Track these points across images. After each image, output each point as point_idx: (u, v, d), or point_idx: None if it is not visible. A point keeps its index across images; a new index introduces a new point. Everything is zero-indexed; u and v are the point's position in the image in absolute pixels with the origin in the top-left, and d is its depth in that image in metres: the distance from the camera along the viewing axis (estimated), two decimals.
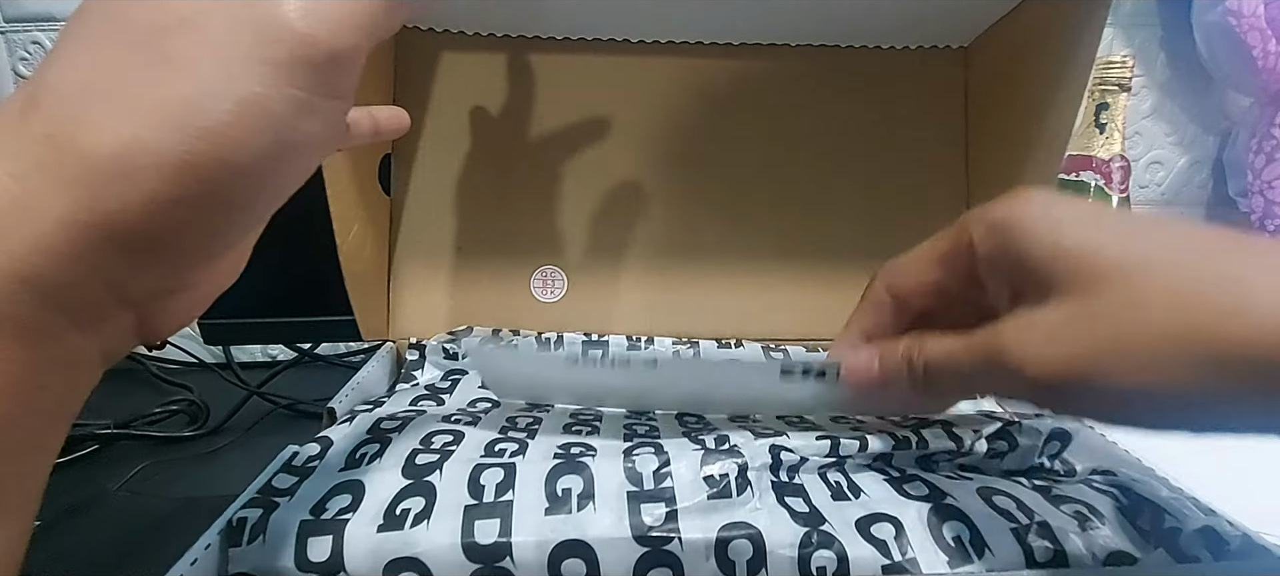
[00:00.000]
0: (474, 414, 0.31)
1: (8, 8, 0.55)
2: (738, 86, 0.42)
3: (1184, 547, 0.23)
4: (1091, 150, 0.49)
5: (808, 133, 0.43)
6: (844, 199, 0.43)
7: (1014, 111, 0.38)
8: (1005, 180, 0.39)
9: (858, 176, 0.43)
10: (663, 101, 0.42)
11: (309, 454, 0.26)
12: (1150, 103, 0.65)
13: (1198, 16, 0.58)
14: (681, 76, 0.42)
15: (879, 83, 0.43)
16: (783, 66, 0.42)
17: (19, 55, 0.56)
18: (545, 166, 0.42)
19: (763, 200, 0.43)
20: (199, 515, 0.22)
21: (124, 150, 0.13)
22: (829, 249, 0.43)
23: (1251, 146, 0.58)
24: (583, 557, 0.21)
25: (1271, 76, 0.54)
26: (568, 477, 0.23)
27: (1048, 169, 0.35)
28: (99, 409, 0.46)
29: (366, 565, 0.21)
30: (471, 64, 0.41)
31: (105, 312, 0.15)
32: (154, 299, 0.16)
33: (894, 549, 0.22)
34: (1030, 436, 0.28)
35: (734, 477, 0.23)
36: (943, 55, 0.43)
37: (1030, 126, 0.37)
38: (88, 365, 0.15)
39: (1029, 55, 0.37)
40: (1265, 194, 0.57)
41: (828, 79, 0.43)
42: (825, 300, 0.42)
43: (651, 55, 0.42)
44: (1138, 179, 0.66)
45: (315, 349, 0.55)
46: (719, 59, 0.42)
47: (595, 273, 0.42)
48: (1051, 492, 0.25)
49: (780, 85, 0.43)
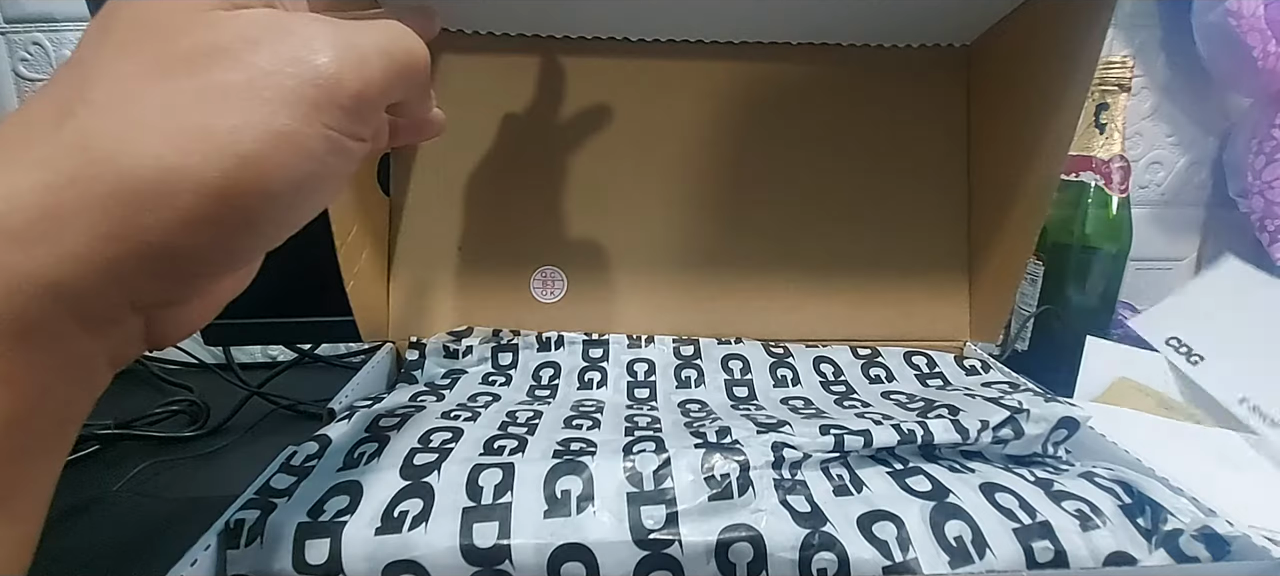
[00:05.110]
0: (474, 409, 0.31)
1: (8, 8, 0.55)
2: (739, 85, 0.42)
3: (1184, 547, 0.22)
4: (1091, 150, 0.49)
5: (809, 132, 0.43)
6: (845, 198, 0.43)
7: (1016, 111, 0.38)
8: (1007, 181, 0.39)
9: (859, 175, 0.43)
10: (664, 102, 0.42)
11: (307, 453, 0.26)
12: (1150, 103, 0.65)
13: (1198, 16, 0.58)
14: (682, 76, 0.42)
15: (881, 82, 0.43)
16: (784, 66, 0.42)
17: (19, 56, 0.56)
18: (545, 167, 0.42)
19: (763, 200, 0.43)
20: (199, 515, 0.22)
21: (167, 174, 0.14)
22: (829, 248, 0.43)
23: (1251, 147, 0.58)
24: (582, 560, 0.21)
25: (1271, 77, 0.54)
26: (567, 479, 0.23)
27: (1050, 170, 0.35)
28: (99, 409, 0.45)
29: (364, 568, 0.21)
30: (472, 64, 0.41)
31: (119, 318, 0.15)
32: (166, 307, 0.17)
33: (895, 549, 0.22)
34: (1037, 425, 0.27)
35: (735, 477, 0.23)
36: (945, 54, 0.43)
37: (1033, 126, 0.37)
38: (98, 370, 0.15)
39: (1032, 55, 0.37)
40: (1265, 194, 0.57)
41: (829, 78, 0.43)
42: (825, 300, 0.42)
43: (651, 55, 0.42)
44: (1138, 179, 0.66)
45: (315, 349, 0.55)
46: (720, 58, 0.42)
47: (595, 273, 0.42)
48: (1053, 488, 0.25)
49: (781, 84, 0.43)
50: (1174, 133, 0.66)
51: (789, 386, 0.37)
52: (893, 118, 0.43)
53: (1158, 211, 0.68)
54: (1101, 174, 0.48)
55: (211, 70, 0.15)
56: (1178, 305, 0.45)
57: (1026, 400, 0.29)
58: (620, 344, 0.40)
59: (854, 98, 0.43)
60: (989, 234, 0.41)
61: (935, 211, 0.43)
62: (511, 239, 0.42)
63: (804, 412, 0.32)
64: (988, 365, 0.39)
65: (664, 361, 0.39)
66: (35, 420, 0.14)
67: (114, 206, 0.13)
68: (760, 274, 0.42)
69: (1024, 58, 0.38)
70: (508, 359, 0.39)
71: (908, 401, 0.34)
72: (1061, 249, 0.50)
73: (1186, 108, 0.65)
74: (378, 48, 0.17)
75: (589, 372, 0.38)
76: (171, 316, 0.17)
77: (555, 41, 0.41)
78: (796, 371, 0.38)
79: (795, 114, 0.43)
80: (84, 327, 0.14)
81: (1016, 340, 0.52)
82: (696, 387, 0.37)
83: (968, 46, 0.43)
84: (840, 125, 0.43)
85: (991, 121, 0.41)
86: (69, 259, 0.13)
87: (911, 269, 0.43)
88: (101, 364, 0.15)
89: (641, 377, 0.38)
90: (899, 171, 0.43)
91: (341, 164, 0.17)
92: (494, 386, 0.37)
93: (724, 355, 0.39)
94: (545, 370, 0.38)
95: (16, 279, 0.13)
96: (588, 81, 0.42)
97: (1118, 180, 0.48)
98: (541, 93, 0.42)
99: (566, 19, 0.40)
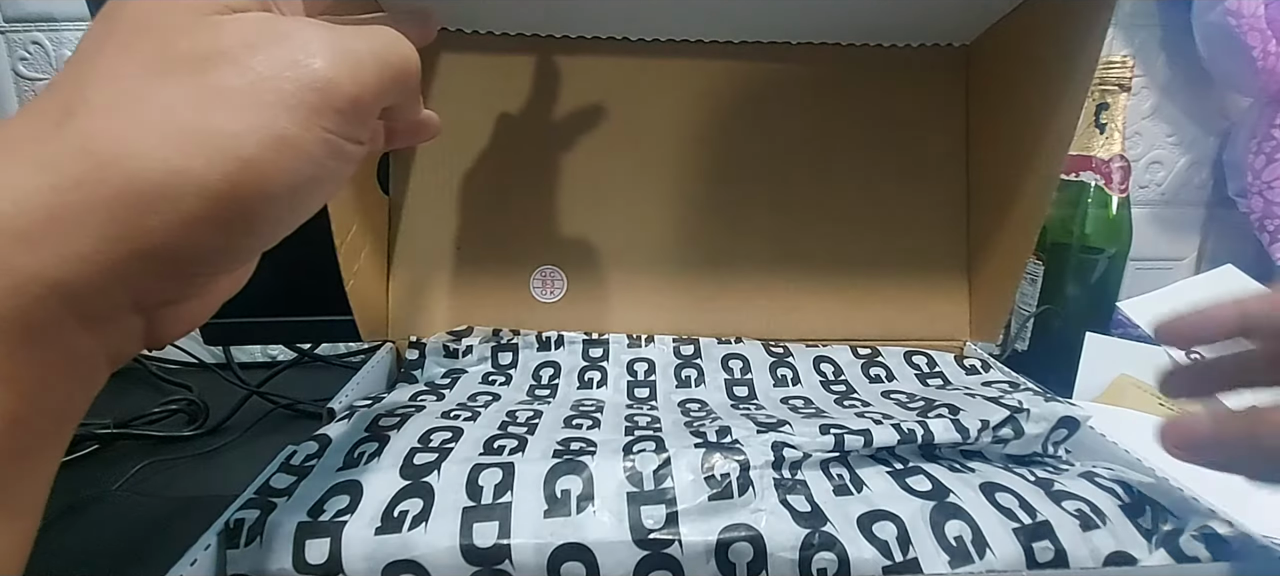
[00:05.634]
0: (474, 408, 0.31)
1: (8, 8, 0.55)
2: (739, 85, 0.42)
3: (1184, 547, 0.22)
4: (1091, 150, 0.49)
5: (808, 132, 0.43)
6: (844, 198, 0.43)
7: (1016, 111, 0.38)
8: (1007, 180, 0.39)
9: (858, 175, 0.43)
10: (663, 101, 0.42)
11: (307, 452, 0.26)
12: (1150, 103, 0.65)
13: (1198, 16, 0.58)
14: (682, 76, 0.42)
15: (880, 82, 0.43)
16: (783, 65, 0.42)
17: (19, 55, 0.56)
18: (545, 166, 0.42)
19: (763, 200, 0.43)
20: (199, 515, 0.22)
21: (171, 177, 0.14)
22: (829, 248, 0.43)
23: (1251, 147, 0.58)
24: (582, 560, 0.21)
25: (1271, 77, 0.54)
26: (567, 478, 0.23)
27: (1050, 170, 0.35)
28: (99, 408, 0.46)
29: (364, 567, 0.21)
30: (471, 64, 0.41)
31: (120, 318, 0.15)
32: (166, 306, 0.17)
33: (896, 549, 0.22)
34: (1037, 424, 0.27)
35: (736, 477, 0.23)
36: (944, 54, 0.43)
37: (1032, 126, 0.37)
38: (97, 368, 0.16)
39: (1031, 55, 0.37)
40: (1265, 194, 0.57)
41: (829, 78, 0.43)
42: (825, 300, 0.42)
43: (651, 55, 0.42)
44: (1138, 179, 0.66)
45: (315, 349, 0.55)
46: (720, 58, 0.42)
47: (595, 273, 0.42)
48: (1053, 487, 0.25)
49: (781, 84, 0.43)
50: (1174, 132, 0.66)
51: (789, 386, 0.37)
52: (892, 117, 0.43)
53: (1158, 211, 0.68)
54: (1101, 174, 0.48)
55: (211, 73, 0.15)
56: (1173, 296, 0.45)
57: (1026, 399, 0.29)
58: (620, 343, 0.40)
59: (853, 97, 0.43)
60: (989, 233, 0.41)
61: (935, 211, 0.43)
62: (511, 238, 0.42)
63: (804, 412, 0.32)
64: (988, 365, 0.39)
65: (664, 361, 0.39)
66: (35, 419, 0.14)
67: (119, 209, 0.14)
68: (760, 274, 0.42)
69: (1023, 57, 0.38)
70: (508, 358, 0.39)
71: (908, 401, 0.34)
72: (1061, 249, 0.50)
73: (1186, 107, 0.65)
74: (372, 53, 0.17)
75: (589, 372, 0.38)
76: (170, 315, 0.17)
77: (555, 41, 0.41)
78: (796, 371, 0.38)
79: (795, 114, 0.43)
80: (85, 327, 0.14)
81: (1016, 340, 0.52)
82: (696, 387, 0.37)
83: (967, 46, 0.43)
84: (840, 125, 0.43)
85: (991, 121, 0.41)
86: (74, 260, 0.13)
87: (911, 269, 0.43)
88: (101, 362, 0.16)
89: (641, 377, 0.38)
90: (899, 171, 0.43)
91: (339, 166, 0.17)
92: (494, 386, 0.37)
93: (724, 355, 0.39)
94: (545, 369, 0.38)
95: (22, 279, 0.13)
96: (588, 81, 0.42)
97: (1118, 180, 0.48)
98: (541, 92, 0.42)
99: (566, 19, 0.40)
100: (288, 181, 0.15)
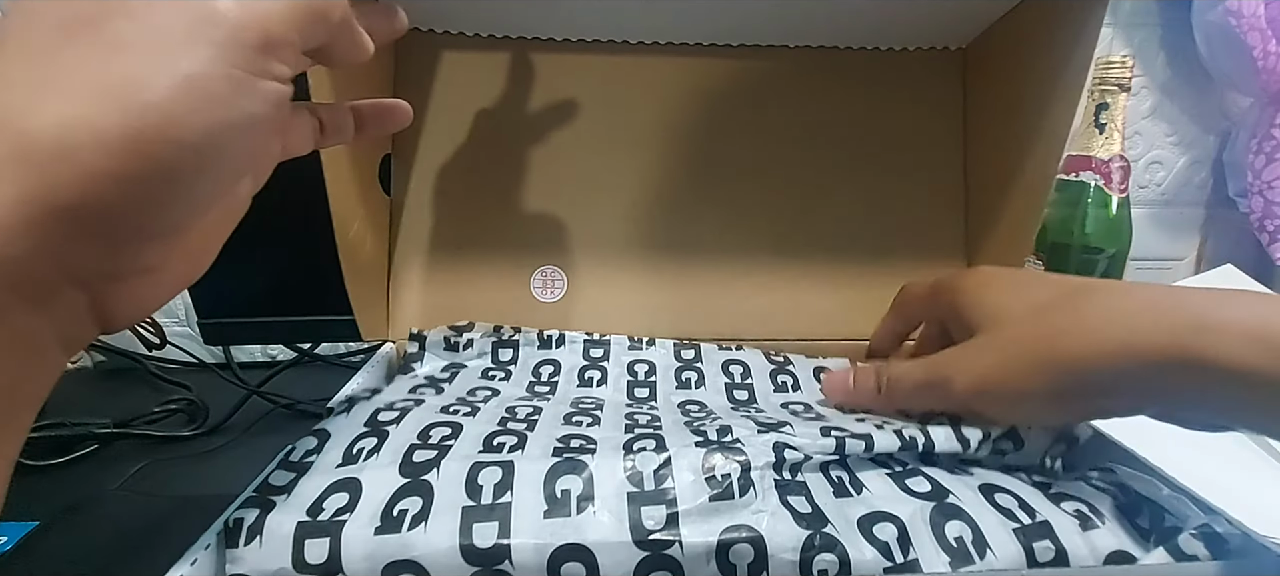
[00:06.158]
0: (473, 404, 0.31)
1: None
2: (737, 87, 0.42)
3: (1183, 547, 0.22)
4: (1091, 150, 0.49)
5: (807, 133, 0.43)
6: (843, 200, 0.43)
7: (1012, 112, 0.38)
8: (1003, 180, 0.39)
9: (857, 177, 0.43)
10: (663, 102, 0.42)
11: (306, 448, 0.26)
12: (1150, 103, 0.65)
13: (1198, 16, 0.58)
14: (681, 77, 0.42)
15: (877, 83, 0.43)
16: (782, 67, 0.42)
17: None
18: (545, 166, 0.42)
19: (762, 201, 0.43)
20: (198, 515, 0.21)
21: (69, 128, 0.14)
22: (828, 250, 0.43)
23: (1251, 147, 0.58)
24: (582, 561, 0.21)
25: (1271, 76, 0.54)
26: (567, 478, 0.23)
27: (1045, 169, 0.35)
28: (99, 408, 0.46)
29: (364, 567, 0.21)
30: (471, 64, 0.41)
31: (55, 290, 0.15)
32: (107, 280, 0.16)
33: (896, 550, 0.22)
34: (1037, 440, 0.28)
35: (736, 477, 0.23)
36: (941, 56, 0.43)
37: (1028, 126, 0.37)
38: (43, 348, 0.15)
39: (1027, 55, 0.37)
40: (1265, 194, 0.57)
41: (826, 80, 0.43)
42: (825, 301, 0.42)
43: (651, 56, 0.42)
44: (1138, 179, 0.66)
45: (315, 349, 0.55)
46: (719, 59, 0.42)
47: (595, 272, 0.42)
48: (1051, 489, 0.25)
49: (779, 86, 0.43)
50: (1174, 132, 0.66)
51: (789, 392, 0.37)
52: (890, 119, 0.43)
53: (1157, 211, 0.68)
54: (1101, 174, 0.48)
55: (111, 25, 0.15)
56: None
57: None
58: (621, 345, 0.40)
59: (851, 100, 0.43)
60: (986, 233, 0.42)
61: (933, 212, 0.43)
62: (512, 238, 0.42)
63: (804, 416, 0.32)
64: None
65: (664, 363, 0.39)
66: None
67: (26, 169, 0.13)
68: (760, 274, 0.43)
69: (1019, 58, 0.38)
70: (508, 354, 0.39)
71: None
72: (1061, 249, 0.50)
73: (1186, 107, 0.65)
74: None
75: (589, 371, 0.38)
76: (117, 293, 0.17)
77: (556, 42, 0.41)
78: (797, 378, 0.38)
79: (794, 115, 0.43)
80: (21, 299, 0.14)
81: None
82: (696, 389, 0.37)
83: (963, 49, 0.43)
84: (838, 127, 0.43)
85: (987, 122, 0.42)
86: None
87: (910, 269, 0.43)
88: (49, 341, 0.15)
89: (642, 377, 0.38)
90: (897, 173, 0.43)
91: (255, 106, 0.16)
92: (493, 381, 0.37)
93: (725, 360, 0.39)
94: (545, 367, 0.38)
95: None
96: (589, 82, 0.42)
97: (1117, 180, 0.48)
98: (542, 92, 0.42)
99: (567, 20, 0.40)
100: (199, 125, 0.15)
